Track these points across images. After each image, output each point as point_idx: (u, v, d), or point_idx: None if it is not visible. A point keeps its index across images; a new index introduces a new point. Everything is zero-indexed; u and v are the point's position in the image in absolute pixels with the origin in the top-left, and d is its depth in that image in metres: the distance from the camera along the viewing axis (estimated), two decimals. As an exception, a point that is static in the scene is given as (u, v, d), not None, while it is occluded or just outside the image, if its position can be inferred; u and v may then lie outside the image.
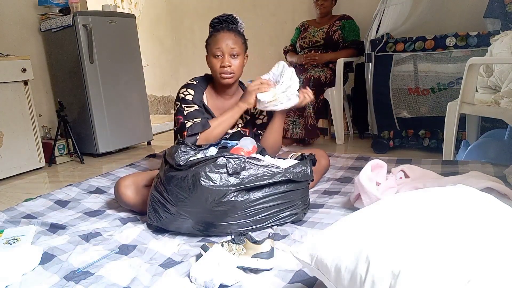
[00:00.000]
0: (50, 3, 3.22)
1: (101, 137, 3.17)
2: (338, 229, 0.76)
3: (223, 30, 1.54)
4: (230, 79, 1.54)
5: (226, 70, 1.52)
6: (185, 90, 1.58)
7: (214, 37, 1.54)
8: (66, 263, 1.12)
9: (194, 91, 1.58)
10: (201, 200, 1.19)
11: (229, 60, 1.52)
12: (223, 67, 1.51)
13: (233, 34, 1.54)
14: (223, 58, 1.52)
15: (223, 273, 0.98)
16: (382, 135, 2.68)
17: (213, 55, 1.53)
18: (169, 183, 1.24)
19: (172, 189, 1.23)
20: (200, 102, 1.58)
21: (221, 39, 1.52)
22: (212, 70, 1.57)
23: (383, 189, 1.37)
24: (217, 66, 1.52)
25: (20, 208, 1.65)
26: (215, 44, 1.52)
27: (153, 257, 1.15)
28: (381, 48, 2.54)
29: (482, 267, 0.56)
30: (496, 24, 2.33)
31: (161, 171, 1.30)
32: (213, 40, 1.54)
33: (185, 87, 1.60)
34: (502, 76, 1.90)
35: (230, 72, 1.53)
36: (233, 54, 1.52)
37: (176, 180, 1.22)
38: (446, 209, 0.71)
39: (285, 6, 3.63)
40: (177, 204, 1.22)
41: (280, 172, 1.26)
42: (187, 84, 1.61)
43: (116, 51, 3.23)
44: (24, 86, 2.82)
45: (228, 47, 1.51)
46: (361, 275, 0.63)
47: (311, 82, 2.81)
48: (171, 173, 1.24)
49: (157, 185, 1.29)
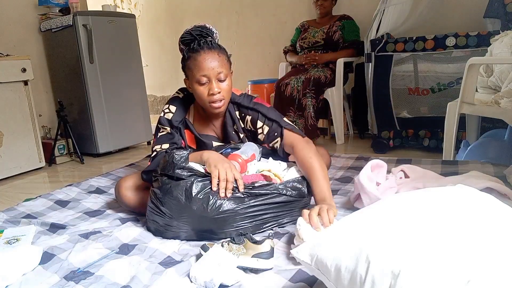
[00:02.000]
0: (50, 3, 3.22)
1: (101, 137, 3.17)
2: (338, 229, 0.76)
3: (203, 50, 1.30)
4: (221, 107, 1.35)
5: (216, 98, 1.32)
6: (167, 107, 1.44)
7: (194, 61, 1.30)
8: (66, 262, 1.12)
9: (176, 108, 1.43)
10: (199, 209, 1.18)
11: (217, 86, 1.31)
12: (212, 95, 1.31)
13: (216, 53, 1.31)
14: (210, 84, 1.31)
15: (223, 273, 0.98)
16: (382, 135, 2.68)
17: (198, 82, 1.32)
18: (164, 195, 1.22)
19: (168, 201, 1.21)
20: (179, 121, 1.43)
21: (204, 62, 1.29)
22: (199, 99, 1.36)
23: (383, 189, 1.37)
24: (205, 95, 1.32)
25: (20, 208, 1.65)
26: (199, 70, 1.29)
27: (153, 255, 1.15)
28: (381, 48, 2.54)
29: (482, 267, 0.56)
30: (496, 24, 2.33)
31: (155, 185, 1.27)
32: (194, 65, 1.30)
33: (169, 103, 1.45)
34: (502, 76, 1.90)
35: (220, 99, 1.33)
36: (220, 78, 1.32)
37: (172, 192, 1.20)
38: (446, 209, 0.71)
39: (285, 6, 3.63)
40: (175, 215, 1.22)
41: (275, 191, 1.25)
42: (172, 98, 1.47)
43: (116, 51, 3.23)
44: (24, 86, 2.83)
45: (214, 71, 1.29)
46: (361, 275, 0.63)
47: (311, 82, 2.81)
48: (167, 186, 1.22)
49: (152, 198, 1.27)
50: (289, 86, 2.85)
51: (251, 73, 3.83)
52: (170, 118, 1.42)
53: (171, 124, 1.42)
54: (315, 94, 2.81)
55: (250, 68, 3.93)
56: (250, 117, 1.43)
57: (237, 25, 3.93)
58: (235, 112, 1.46)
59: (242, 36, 3.92)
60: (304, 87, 2.80)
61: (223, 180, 1.20)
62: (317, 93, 2.82)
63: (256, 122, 1.42)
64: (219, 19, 4.01)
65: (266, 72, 3.79)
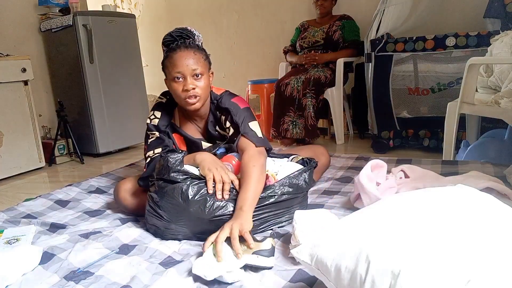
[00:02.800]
0: (50, 3, 3.22)
1: (101, 137, 3.17)
2: (338, 229, 0.76)
3: (179, 49, 1.33)
4: (196, 103, 1.36)
5: (191, 94, 1.33)
6: (152, 113, 1.46)
7: (170, 59, 1.34)
8: (66, 262, 1.12)
9: (161, 113, 1.46)
10: (197, 212, 1.18)
11: (192, 82, 1.33)
12: (186, 91, 1.33)
13: (192, 51, 1.34)
14: (185, 81, 1.33)
15: (225, 269, 0.98)
16: (382, 135, 2.68)
17: (173, 79, 1.34)
18: (161, 198, 1.22)
19: (166, 204, 1.21)
20: (166, 126, 1.45)
21: (179, 59, 1.32)
22: (175, 96, 1.38)
23: (383, 189, 1.37)
24: (179, 91, 1.34)
25: (20, 208, 1.65)
26: (174, 67, 1.32)
27: (153, 255, 1.15)
28: (381, 48, 2.54)
29: (482, 267, 0.56)
30: (496, 24, 2.33)
31: (152, 189, 1.27)
32: (170, 62, 1.34)
33: (153, 109, 1.48)
34: (502, 76, 1.90)
35: (195, 96, 1.34)
36: (195, 74, 1.33)
37: (169, 195, 1.20)
38: (446, 209, 0.71)
39: (285, 6, 3.63)
40: (172, 218, 1.22)
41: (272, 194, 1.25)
42: (156, 104, 1.49)
43: (116, 51, 3.23)
44: (24, 86, 2.83)
45: (189, 68, 1.32)
46: (361, 275, 0.63)
47: (311, 82, 2.81)
48: (164, 189, 1.22)
49: (150, 202, 1.27)
50: (289, 86, 2.85)
51: (251, 73, 3.83)
52: (156, 124, 1.45)
53: (158, 129, 1.44)
54: (315, 94, 2.81)
55: (250, 68, 3.93)
56: (224, 117, 1.45)
57: (237, 25, 3.93)
58: (216, 112, 1.47)
59: (242, 36, 3.92)
60: (304, 87, 2.80)
61: (219, 182, 1.20)
62: (317, 93, 2.82)
63: (226, 122, 1.44)
64: (219, 19, 4.01)
65: (266, 72, 3.79)
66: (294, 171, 1.34)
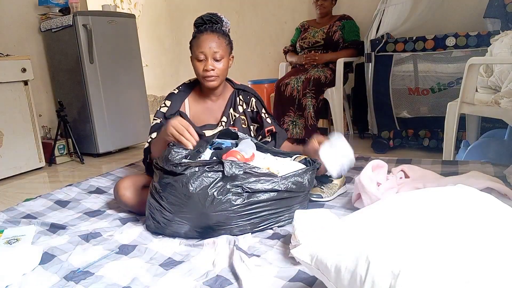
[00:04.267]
0: (50, 3, 3.22)
1: (101, 137, 3.17)
2: (338, 229, 0.76)
3: (206, 32, 1.49)
4: (214, 81, 1.51)
5: (209, 74, 1.48)
6: (164, 102, 1.58)
7: (197, 39, 1.49)
8: (66, 263, 1.12)
9: (171, 102, 1.57)
10: (197, 205, 1.18)
11: (212, 64, 1.47)
12: (206, 71, 1.47)
13: (216, 36, 1.49)
14: (206, 61, 1.47)
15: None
16: (382, 135, 2.68)
17: (196, 58, 1.49)
18: (164, 190, 1.23)
19: (168, 196, 1.22)
20: (173, 114, 1.55)
21: (204, 41, 1.47)
22: (196, 73, 1.53)
23: (384, 189, 1.37)
24: (200, 70, 1.49)
25: (20, 208, 1.65)
26: (198, 47, 1.47)
27: (153, 257, 1.15)
28: (381, 48, 2.54)
29: (482, 268, 0.56)
30: (496, 24, 2.33)
31: (155, 179, 1.28)
32: (196, 43, 1.49)
33: (166, 98, 1.60)
34: (502, 76, 1.90)
35: (213, 76, 1.49)
36: (216, 57, 1.47)
37: (171, 186, 1.21)
38: (446, 209, 0.71)
39: (285, 6, 3.63)
40: (174, 210, 1.22)
41: (276, 187, 1.25)
42: (169, 94, 1.61)
43: (116, 51, 3.23)
44: (24, 86, 2.83)
45: (211, 50, 1.46)
46: (361, 275, 0.63)
47: (311, 82, 2.81)
48: (166, 180, 1.22)
49: (152, 193, 1.28)
50: (289, 86, 2.85)
51: (251, 73, 3.83)
52: (165, 112, 1.56)
53: (164, 117, 1.55)
54: (315, 94, 2.81)
55: (250, 68, 3.93)
56: (255, 100, 1.65)
57: (237, 25, 3.93)
58: (237, 97, 1.63)
59: (242, 36, 3.91)
60: (304, 87, 2.80)
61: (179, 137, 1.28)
62: (317, 93, 2.82)
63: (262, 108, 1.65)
64: (219, 19, 4.01)
65: (266, 72, 3.79)
66: (298, 170, 1.34)
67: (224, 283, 1.00)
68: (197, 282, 1.01)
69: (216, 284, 0.99)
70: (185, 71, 4.54)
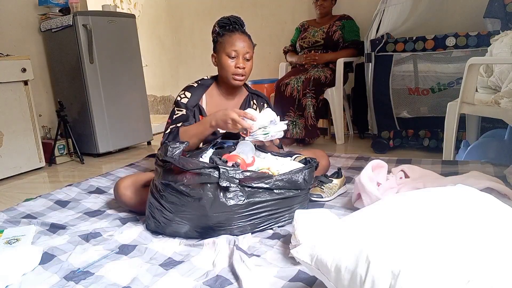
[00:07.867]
0: (50, 3, 3.22)
1: (101, 137, 3.17)
2: (338, 229, 0.76)
3: (238, 32, 1.55)
4: (241, 81, 1.57)
5: (240, 72, 1.53)
6: (183, 93, 1.60)
7: (229, 37, 1.54)
8: (66, 263, 1.12)
9: (191, 94, 1.59)
10: (198, 206, 1.18)
11: (243, 62, 1.54)
12: (237, 68, 1.53)
13: (247, 37, 1.57)
14: (237, 59, 1.53)
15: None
16: (382, 135, 2.68)
17: (228, 55, 1.53)
18: (165, 189, 1.23)
19: (168, 195, 1.22)
20: (194, 106, 1.59)
21: (238, 40, 1.53)
22: (223, 69, 1.56)
23: (384, 189, 1.37)
24: (231, 67, 1.53)
25: (20, 208, 1.65)
26: (232, 45, 1.52)
27: (153, 257, 1.15)
28: (381, 48, 2.54)
29: (482, 267, 0.56)
30: (496, 24, 2.32)
31: (156, 178, 1.28)
32: (228, 40, 1.53)
33: (184, 90, 1.61)
34: (502, 76, 1.90)
35: (242, 74, 1.55)
36: (246, 57, 1.55)
37: (172, 187, 1.21)
38: (446, 209, 0.71)
39: (285, 6, 3.63)
40: (174, 210, 1.22)
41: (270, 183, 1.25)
42: (187, 86, 1.63)
43: (116, 51, 3.23)
44: (24, 86, 2.82)
45: (244, 49, 1.53)
46: (361, 275, 0.63)
47: (311, 82, 2.81)
48: (167, 180, 1.23)
49: (153, 191, 1.28)
50: (289, 86, 2.85)
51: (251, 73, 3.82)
52: (186, 102, 1.58)
53: (186, 107, 1.57)
54: (315, 94, 2.81)
55: (250, 68, 3.92)
56: (267, 106, 1.71)
57: (237, 25, 3.92)
58: (251, 101, 1.70)
59: (242, 36, 3.91)
60: (304, 87, 2.80)
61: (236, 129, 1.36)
62: (317, 93, 2.82)
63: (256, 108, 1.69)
64: (219, 19, 4.01)
65: (266, 72, 3.79)
66: (293, 169, 1.34)
67: (224, 283, 1.00)
68: (197, 282, 1.01)
69: (216, 284, 0.99)
70: (185, 71, 4.54)
